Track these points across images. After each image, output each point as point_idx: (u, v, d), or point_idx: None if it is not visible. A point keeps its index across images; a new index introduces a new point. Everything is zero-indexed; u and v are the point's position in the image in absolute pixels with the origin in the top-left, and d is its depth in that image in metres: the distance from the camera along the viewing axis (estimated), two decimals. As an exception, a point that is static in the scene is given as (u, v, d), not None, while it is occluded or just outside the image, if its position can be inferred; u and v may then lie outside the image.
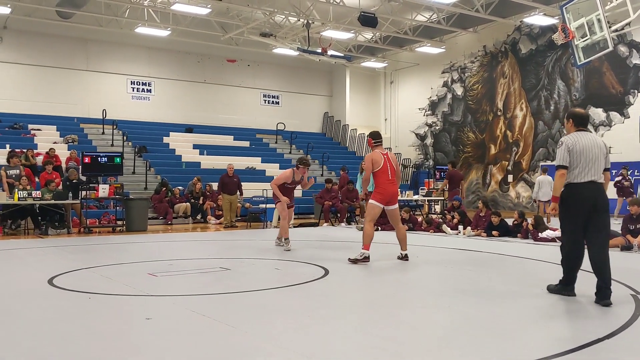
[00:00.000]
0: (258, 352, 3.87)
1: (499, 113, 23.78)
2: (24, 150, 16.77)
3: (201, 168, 20.52)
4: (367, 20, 18.89)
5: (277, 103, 27.76)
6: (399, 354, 3.85)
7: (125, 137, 20.90)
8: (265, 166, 21.88)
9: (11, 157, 14.10)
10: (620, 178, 16.38)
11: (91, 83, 23.14)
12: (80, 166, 14.37)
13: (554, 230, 10.91)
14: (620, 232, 9.99)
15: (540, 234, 10.98)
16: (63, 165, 16.63)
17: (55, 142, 19.33)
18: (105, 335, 4.29)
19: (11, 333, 4.33)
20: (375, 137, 8.32)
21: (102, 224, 14.38)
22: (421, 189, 20.80)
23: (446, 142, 26.11)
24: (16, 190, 12.57)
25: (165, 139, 22.65)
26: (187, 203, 16.84)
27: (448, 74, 25.96)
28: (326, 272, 7.12)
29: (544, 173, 16.04)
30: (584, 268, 5.61)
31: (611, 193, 15.95)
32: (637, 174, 18.52)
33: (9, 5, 18.65)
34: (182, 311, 5.07)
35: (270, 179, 20.09)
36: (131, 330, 4.43)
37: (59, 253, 9.40)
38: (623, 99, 19.69)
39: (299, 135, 26.02)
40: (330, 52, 20.92)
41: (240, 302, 5.43)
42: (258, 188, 17.49)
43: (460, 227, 12.91)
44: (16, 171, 13.61)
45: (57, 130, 20.77)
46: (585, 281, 5.68)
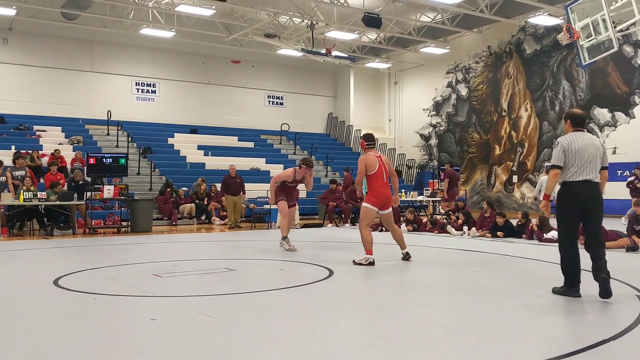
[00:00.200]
0: (262, 353, 3.87)
1: (504, 113, 23.73)
2: (29, 151, 16.83)
3: (206, 169, 20.56)
4: (371, 20, 18.88)
5: (282, 104, 27.78)
6: (402, 355, 3.85)
7: (130, 138, 20.95)
8: (269, 167, 21.89)
9: (17, 159, 14.15)
10: (633, 178, 16.25)
11: (96, 84, 23.21)
12: (85, 167, 14.41)
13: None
14: (626, 233, 9.97)
15: (545, 235, 10.94)
16: (68, 166, 16.68)
17: (60, 143, 19.39)
18: (110, 335, 4.30)
19: (17, 333, 4.34)
20: (368, 140, 8.23)
21: (107, 225, 14.43)
22: (425, 190, 20.81)
23: (450, 143, 26.07)
24: (21, 191, 12.62)
25: (169, 140, 22.70)
26: (192, 204, 16.88)
27: (452, 75, 25.93)
28: (330, 273, 7.12)
29: (547, 174, 15.97)
30: (584, 267, 5.61)
31: (624, 193, 15.87)
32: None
33: (15, 7, 18.72)
34: (187, 312, 5.08)
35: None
36: (136, 331, 4.45)
37: (64, 254, 9.43)
38: (628, 99, 19.62)
39: (303, 136, 26.04)
40: (334, 53, 20.93)
41: (244, 303, 5.44)
42: (262, 189, 17.51)
43: (464, 228, 12.90)
44: (22, 172, 13.66)
45: (62, 131, 20.84)
46: (588, 281, 5.66)
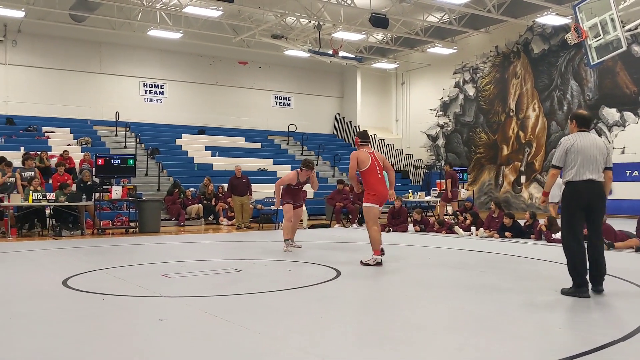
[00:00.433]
0: (270, 353, 3.88)
1: (512, 114, 23.65)
2: (38, 152, 16.94)
3: (213, 169, 20.61)
4: (378, 21, 18.87)
5: (289, 105, 27.81)
6: (410, 356, 3.85)
7: (138, 139, 21.03)
8: (276, 167, 21.92)
9: (26, 160, 14.25)
10: None
11: (104, 86, 23.32)
12: (93, 168, 14.48)
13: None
14: (635, 233, 9.91)
15: (553, 235, 10.89)
16: (77, 167, 16.76)
17: (69, 145, 19.49)
18: (119, 336, 4.33)
19: (26, 333, 4.37)
20: (362, 137, 8.25)
21: (115, 226, 14.49)
22: (433, 190, 20.74)
23: (458, 143, 26.01)
24: (30, 192, 12.70)
25: (177, 141, 22.77)
26: (200, 204, 16.92)
27: (460, 75, 25.87)
28: (338, 274, 7.12)
29: None
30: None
31: (632, 193, 15.74)
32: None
33: (23, 9, 18.84)
34: (195, 312, 5.09)
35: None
36: (144, 331, 4.46)
37: (73, 254, 9.48)
38: (637, 99, 19.50)
39: (310, 136, 26.04)
40: (341, 54, 20.92)
41: (252, 303, 5.45)
42: (269, 189, 17.52)
43: (472, 229, 12.87)
44: (31, 173, 13.73)
45: (71, 132, 20.95)
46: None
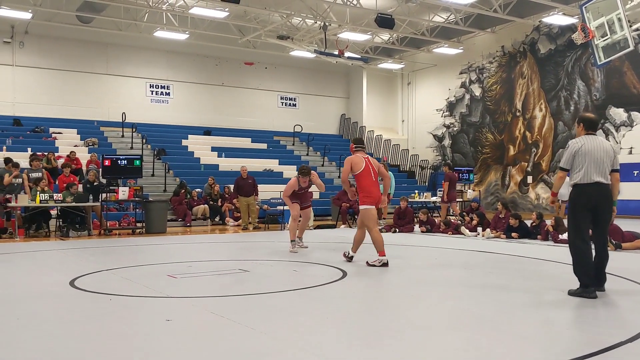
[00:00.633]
0: (277, 354, 3.88)
1: (518, 114, 23.57)
2: (45, 153, 17.01)
3: (219, 170, 20.65)
4: (384, 21, 18.86)
5: (294, 105, 27.83)
6: (416, 356, 3.84)
7: (144, 140, 21.10)
8: (282, 168, 21.93)
9: (32, 161, 14.32)
10: None
11: (111, 87, 23.41)
12: (100, 169, 14.54)
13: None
14: (642, 234, 9.86)
15: (560, 236, 10.85)
16: (83, 168, 16.83)
17: (75, 145, 19.58)
18: (125, 336, 4.34)
19: (33, 334, 4.39)
20: (356, 142, 8.40)
21: (122, 226, 14.53)
22: (439, 191, 20.68)
23: (464, 143, 25.95)
24: (37, 192, 12.75)
25: (183, 142, 22.83)
26: (205, 205, 16.96)
27: (466, 75, 25.81)
28: (344, 274, 7.12)
29: None
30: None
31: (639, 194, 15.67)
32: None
33: (30, 10, 18.94)
34: (202, 313, 5.11)
35: (287, 181, 20.23)
36: (151, 331, 4.47)
37: (80, 255, 9.51)
38: (644, 99, 19.40)
39: (316, 137, 26.05)
40: (347, 54, 20.90)
41: (259, 304, 5.46)
42: (275, 190, 17.55)
43: (479, 229, 12.82)
44: (38, 174, 13.80)
45: (78, 133, 21.04)
46: (609, 284, 5.62)
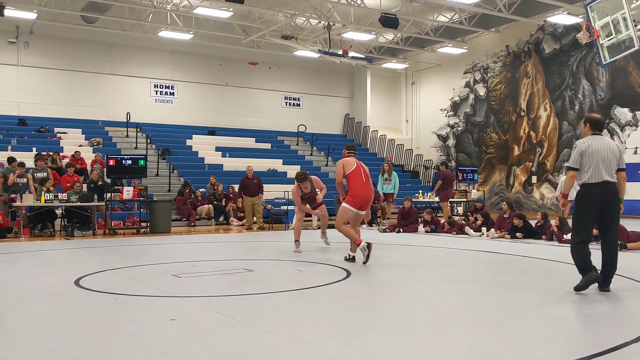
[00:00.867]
0: (282, 353, 3.89)
1: (523, 113, 23.52)
2: (50, 153, 17.07)
3: (223, 170, 20.67)
4: (388, 21, 18.84)
5: (298, 105, 27.83)
6: (422, 356, 3.84)
7: (148, 140, 21.14)
8: (286, 168, 21.93)
9: (37, 161, 14.37)
10: None
11: (115, 86, 23.46)
12: (105, 169, 14.58)
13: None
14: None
15: (565, 236, 10.82)
16: (88, 167, 16.87)
17: (80, 145, 19.63)
18: (130, 335, 4.35)
19: (38, 333, 4.41)
20: (349, 149, 8.62)
21: (127, 226, 14.57)
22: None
23: (469, 143, 25.91)
24: (42, 192, 12.79)
25: (188, 142, 22.86)
26: (210, 205, 16.98)
27: (470, 75, 25.77)
28: (348, 274, 7.12)
29: None
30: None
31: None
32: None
33: (35, 10, 18.99)
34: (206, 312, 5.11)
35: (291, 181, 20.24)
36: (156, 331, 4.48)
37: (85, 254, 9.54)
38: (650, 99, 19.34)
39: (320, 137, 26.05)
40: (351, 54, 20.90)
41: (263, 304, 5.46)
42: (279, 190, 17.55)
43: (483, 229, 12.80)
44: (43, 174, 13.84)
45: (83, 133, 21.08)
46: (615, 284, 5.61)
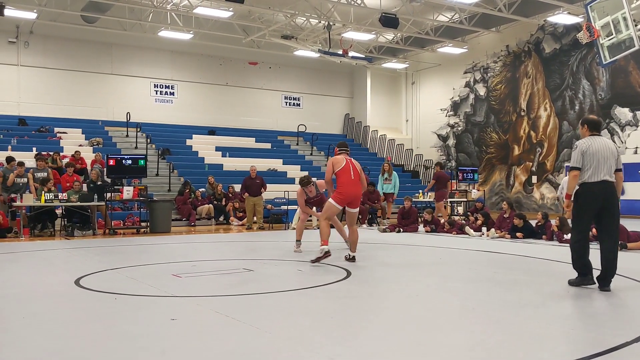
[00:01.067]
0: (282, 353, 3.88)
1: (523, 113, 23.52)
2: (51, 153, 17.06)
3: (223, 170, 20.67)
4: (388, 21, 18.84)
5: (298, 105, 27.83)
6: (423, 356, 3.84)
7: (149, 140, 21.14)
8: (286, 168, 21.94)
9: (38, 161, 14.37)
10: None
11: (115, 86, 23.45)
12: (105, 169, 14.58)
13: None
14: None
15: (565, 236, 10.81)
16: (88, 167, 16.87)
17: (80, 145, 19.62)
18: (131, 335, 4.35)
19: (39, 333, 4.40)
20: (340, 147, 8.58)
21: (127, 226, 14.57)
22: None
23: (469, 143, 25.91)
24: (43, 192, 12.79)
25: (188, 142, 22.85)
26: (210, 205, 16.98)
27: (470, 74, 25.77)
28: (348, 274, 7.12)
29: None
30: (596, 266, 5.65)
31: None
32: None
33: (35, 10, 18.99)
34: (206, 312, 5.11)
35: (291, 181, 20.34)
36: (156, 330, 4.48)
37: (85, 254, 9.54)
38: (650, 98, 19.33)
39: (320, 136, 26.05)
40: (351, 54, 20.90)
41: (263, 303, 5.46)
42: (279, 190, 17.55)
43: (483, 229, 12.80)
44: (43, 174, 13.84)
45: (83, 133, 21.08)
46: (615, 284, 5.61)
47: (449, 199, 19.22)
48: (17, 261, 8.86)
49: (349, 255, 8.32)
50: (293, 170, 21.72)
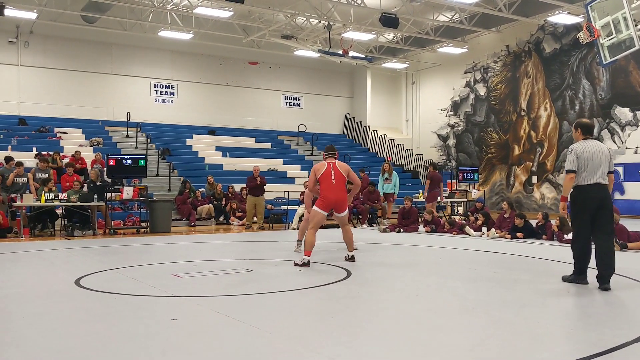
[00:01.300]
0: (282, 354, 3.88)
1: (523, 113, 23.52)
2: (51, 153, 17.07)
3: (224, 170, 20.67)
4: (389, 21, 18.84)
5: (299, 105, 27.84)
6: (424, 356, 3.84)
7: (149, 140, 21.14)
8: (286, 168, 21.94)
9: (39, 162, 14.37)
10: None
11: (115, 86, 23.46)
12: (105, 168, 14.58)
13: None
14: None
15: (565, 236, 10.82)
16: (88, 167, 16.87)
17: (80, 145, 19.63)
18: (131, 335, 4.35)
19: (39, 333, 4.40)
20: (326, 150, 8.59)
21: (127, 226, 14.57)
22: (444, 190, 20.66)
23: (469, 143, 25.90)
24: (43, 192, 12.79)
25: (188, 142, 22.86)
26: (210, 205, 16.98)
27: (470, 74, 25.76)
28: (348, 274, 7.12)
29: None
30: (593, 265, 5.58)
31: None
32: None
33: (35, 10, 18.99)
34: (207, 312, 5.11)
35: (291, 181, 20.36)
36: (157, 330, 4.48)
37: (85, 254, 9.54)
38: (650, 98, 19.32)
39: (320, 136, 26.04)
40: (351, 54, 20.90)
41: (263, 303, 5.46)
42: (279, 189, 17.56)
43: (484, 229, 12.79)
44: (45, 175, 13.83)
45: (83, 133, 21.09)
46: (615, 283, 5.60)
47: (449, 199, 19.25)
48: (18, 261, 8.86)
49: (348, 255, 8.33)
50: (293, 170, 21.73)
